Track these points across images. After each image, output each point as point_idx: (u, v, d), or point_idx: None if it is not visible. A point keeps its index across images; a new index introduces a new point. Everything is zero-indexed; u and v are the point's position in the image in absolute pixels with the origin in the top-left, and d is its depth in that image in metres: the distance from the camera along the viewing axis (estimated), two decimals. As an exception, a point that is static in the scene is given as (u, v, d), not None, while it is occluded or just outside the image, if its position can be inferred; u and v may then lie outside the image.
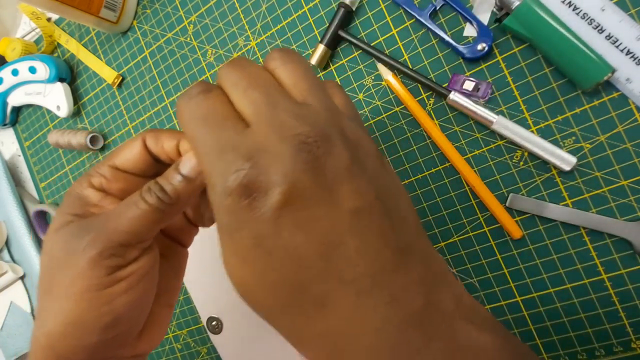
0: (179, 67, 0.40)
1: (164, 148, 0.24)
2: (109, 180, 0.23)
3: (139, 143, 0.24)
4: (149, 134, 0.24)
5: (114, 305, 0.22)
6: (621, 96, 0.27)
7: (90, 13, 0.38)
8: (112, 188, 0.24)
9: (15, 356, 0.49)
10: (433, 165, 0.32)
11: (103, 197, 0.23)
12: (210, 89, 0.18)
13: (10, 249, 0.49)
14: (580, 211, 0.28)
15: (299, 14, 0.35)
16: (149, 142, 0.24)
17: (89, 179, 0.23)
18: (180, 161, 0.22)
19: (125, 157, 0.24)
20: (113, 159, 0.24)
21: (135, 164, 0.24)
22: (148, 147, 0.24)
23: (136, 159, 0.24)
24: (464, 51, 0.29)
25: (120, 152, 0.24)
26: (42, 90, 0.45)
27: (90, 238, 0.21)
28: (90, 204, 0.23)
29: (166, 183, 0.21)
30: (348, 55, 0.34)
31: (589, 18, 0.26)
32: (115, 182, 0.24)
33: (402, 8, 0.31)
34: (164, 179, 0.22)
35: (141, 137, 0.24)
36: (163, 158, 0.24)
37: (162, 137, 0.24)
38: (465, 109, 0.29)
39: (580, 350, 0.29)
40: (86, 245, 0.21)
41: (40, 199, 0.51)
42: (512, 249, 0.30)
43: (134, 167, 0.24)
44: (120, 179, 0.24)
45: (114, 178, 0.24)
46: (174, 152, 0.23)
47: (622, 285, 0.27)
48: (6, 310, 0.49)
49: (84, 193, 0.23)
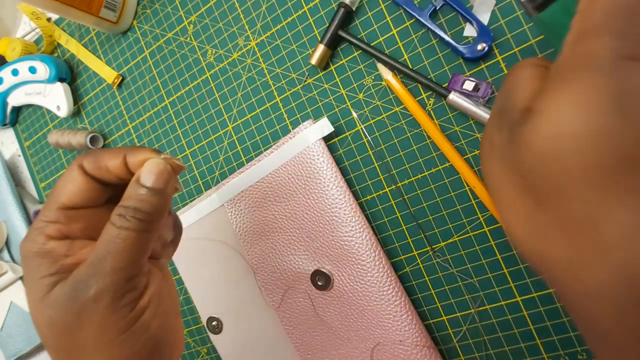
0: (179, 67, 0.40)
1: (108, 169, 0.22)
2: (65, 223, 0.22)
3: (78, 172, 0.22)
4: (85, 159, 0.22)
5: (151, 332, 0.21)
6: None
7: (90, 13, 0.39)
8: (72, 231, 0.22)
9: (15, 356, 0.49)
10: (433, 165, 0.32)
11: (69, 243, 0.21)
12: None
13: (10, 249, 0.49)
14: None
15: (299, 14, 0.35)
16: (88, 167, 0.22)
17: (43, 232, 0.21)
18: (140, 175, 0.21)
19: (70, 192, 0.22)
20: (58, 199, 0.22)
21: (84, 196, 0.22)
22: (90, 173, 0.22)
23: (82, 190, 0.22)
24: (464, 51, 0.29)
25: (62, 190, 0.22)
26: (42, 90, 0.45)
27: (96, 289, 0.19)
28: (60, 257, 0.21)
29: (135, 202, 0.20)
30: (348, 55, 0.34)
31: None
32: (72, 223, 0.22)
33: (402, 8, 0.31)
34: (130, 199, 0.21)
35: (77, 166, 0.22)
36: (110, 179, 0.22)
37: (103, 158, 0.22)
38: (465, 109, 0.29)
39: (580, 350, 0.29)
40: (94, 297, 0.19)
41: (40, 199, 0.51)
42: (512, 249, 0.30)
43: (84, 200, 0.22)
44: (75, 218, 0.22)
45: (69, 219, 0.22)
46: (121, 169, 0.22)
47: (622, 285, 0.27)
48: (6, 310, 0.49)
49: (47, 248, 0.21)
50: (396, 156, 0.33)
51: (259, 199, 0.37)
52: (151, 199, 0.21)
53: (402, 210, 0.33)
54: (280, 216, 0.36)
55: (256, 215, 0.37)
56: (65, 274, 0.20)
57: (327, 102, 0.35)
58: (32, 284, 0.20)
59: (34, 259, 0.21)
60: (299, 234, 0.36)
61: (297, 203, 0.36)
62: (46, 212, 0.22)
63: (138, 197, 0.21)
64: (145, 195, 0.21)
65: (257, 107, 0.37)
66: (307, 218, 0.36)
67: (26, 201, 0.49)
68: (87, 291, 0.19)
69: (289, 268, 0.36)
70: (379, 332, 0.33)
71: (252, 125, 0.38)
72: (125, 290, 0.20)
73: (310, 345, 0.36)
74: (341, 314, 0.35)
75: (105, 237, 0.20)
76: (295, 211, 0.36)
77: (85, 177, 0.22)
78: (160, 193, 0.21)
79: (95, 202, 0.23)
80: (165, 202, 0.21)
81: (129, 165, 0.22)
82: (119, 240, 0.20)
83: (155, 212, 0.21)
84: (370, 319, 0.33)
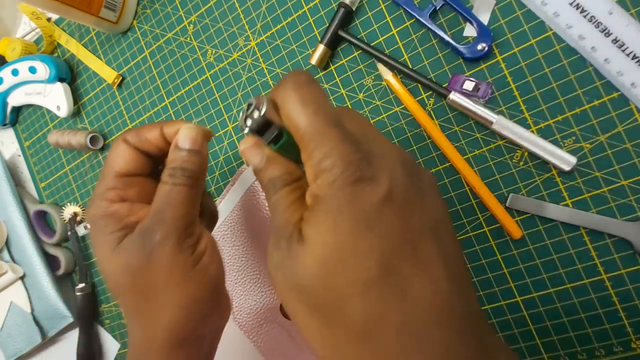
0: (179, 67, 0.40)
1: (149, 140, 0.25)
2: (123, 189, 0.25)
3: (125, 145, 0.25)
4: (128, 134, 0.26)
5: (210, 274, 0.24)
6: (621, 96, 0.27)
7: (90, 13, 0.39)
8: (129, 195, 0.25)
9: (15, 356, 0.49)
10: (433, 165, 0.32)
11: (129, 205, 0.25)
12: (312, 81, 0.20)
13: (10, 249, 0.49)
14: (580, 211, 0.28)
15: (299, 14, 0.35)
16: (131, 140, 0.25)
17: (105, 198, 0.24)
18: (178, 140, 0.25)
19: (122, 161, 0.25)
20: (113, 169, 0.25)
21: (134, 164, 0.25)
22: (134, 145, 0.25)
23: (131, 159, 0.25)
24: (464, 51, 0.29)
25: (115, 161, 0.25)
26: (42, 90, 0.45)
27: (161, 234, 0.23)
28: (124, 217, 0.24)
29: (179, 162, 0.24)
30: (348, 55, 0.34)
31: (597, 21, 0.26)
32: (128, 188, 0.25)
33: (402, 8, 0.31)
34: (175, 161, 0.24)
35: (121, 140, 0.25)
36: (150, 150, 0.26)
37: (143, 132, 0.25)
38: (465, 109, 0.29)
39: (580, 350, 0.29)
40: (160, 241, 0.22)
41: (40, 199, 0.51)
42: (512, 249, 0.30)
43: (134, 168, 0.25)
44: (130, 184, 0.25)
45: (125, 185, 0.25)
46: (159, 140, 0.25)
47: (622, 285, 0.27)
48: (6, 310, 0.49)
49: (111, 210, 0.24)
50: (396, 156, 0.33)
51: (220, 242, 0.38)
52: (192, 159, 0.24)
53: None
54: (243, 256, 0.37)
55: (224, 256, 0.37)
56: (130, 229, 0.24)
57: (327, 102, 0.35)
58: (102, 240, 0.24)
59: (101, 220, 0.24)
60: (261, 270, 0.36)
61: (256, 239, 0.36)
62: (104, 181, 0.25)
63: (181, 158, 0.24)
64: (186, 156, 0.24)
65: (257, 107, 0.37)
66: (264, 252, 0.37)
67: (26, 201, 0.49)
68: (154, 237, 0.23)
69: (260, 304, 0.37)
70: None
71: (252, 125, 0.38)
72: (185, 235, 0.23)
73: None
74: None
75: (161, 193, 0.24)
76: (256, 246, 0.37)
77: (131, 148, 0.25)
78: (198, 153, 0.25)
79: (143, 171, 0.26)
80: (204, 161, 0.25)
81: (165, 135, 0.25)
82: (174, 194, 0.23)
83: (197, 170, 0.24)
84: None
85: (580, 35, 0.27)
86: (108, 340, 0.48)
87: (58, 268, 0.48)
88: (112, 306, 0.47)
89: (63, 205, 0.48)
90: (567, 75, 0.28)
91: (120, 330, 0.47)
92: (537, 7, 0.28)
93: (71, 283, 0.50)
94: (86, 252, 0.48)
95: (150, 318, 0.24)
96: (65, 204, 0.48)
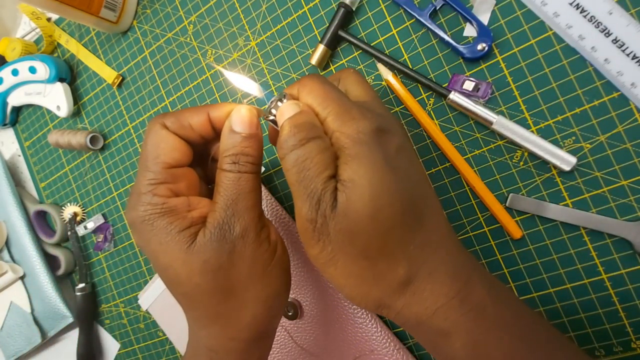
0: (179, 67, 0.40)
1: (192, 127, 0.23)
2: (173, 182, 0.22)
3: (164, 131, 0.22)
4: (167, 119, 0.23)
5: (285, 265, 0.24)
6: (621, 96, 0.27)
7: (90, 13, 0.39)
8: (180, 189, 0.23)
9: (15, 356, 0.49)
10: (433, 165, 0.32)
11: (186, 200, 0.22)
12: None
13: (10, 249, 0.49)
14: (580, 211, 0.28)
15: (299, 14, 0.35)
16: (172, 126, 0.23)
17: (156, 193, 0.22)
18: (232, 124, 0.22)
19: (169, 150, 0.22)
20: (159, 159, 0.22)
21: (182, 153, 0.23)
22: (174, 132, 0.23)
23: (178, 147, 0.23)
24: (464, 51, 0.29)
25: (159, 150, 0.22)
26: (42, 90, 0.45)
27: (241, 227, 0.21)
28: (185, 212, 0.22)
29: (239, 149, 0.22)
30: (348, 55, 0.34)
31: (596, 21, 0.26)
32: (178, 181, 0.23)
33: (402, 8, 0.31)
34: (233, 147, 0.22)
35: (160, 125, 0.22)
36: (193, 138, 0.23)
37: (185, 117, 0.23)
38: (465, 109, 0.29)
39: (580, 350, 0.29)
40: (241, 233, 0.21)
41: (40, 199, 0.51)
42: (512, 249, 0.30)
43: (183, 157, 0.23)
44: (179, 176, 0.23)
45: (175, 178, 0.23)
46: (205, 126, 0.23)
47: (622, 285, 0.27)
48: (6, 310, 0.49)
49: (170, 206, 0.21)
50: (396, 156, 0.33)
51: None
52: (251, 144, 0.22)
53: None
54: None
55: None
56: (198, 225, 0.21)
57: (327, 102, 0.35)
58: (171, 241, 0.21)
59: (160, 219, 0.21)
60: None
61: None
62: (148, 174, 0.22)
63: (240, 144, 0.22)
64: (244, 141, 0.22)
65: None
66: None
67: (26, 201, 0.49)
68: (233, 230, 0.21)
69: None
70: (354, 347, 0.33)
71: (252, 125, 0.38)
72: (261, 226, 0.22)
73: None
74: (317, 338, 0.35)
75: (225, 182, 0.21)
76: None
77: (173, 135, 0.22)
78: (256, 137, 0.22)
79: (189, 160, 0.23)
80: (261, 144, 0.23)
81: (212, 121, 0.23)
82: (243, 182, 0.21)
83: (258, 154, 0.22)
84: (343, 337, 0.34)
85: (580, 35, 0.27)
86: (108, 340, 0.48)
87: (58, 268, 0.48)
88: (112, 306, 0.47)
89: (63, 205, 0.48)
90: (567, 75, 0.28)
91: (120, 330, 0.47)
92: (537, 7, 0.28)
93: (71, 283, 0.50)
94: (86, 252, 0.48)
95: (231, 318, 0.22)
96: (65, 204, 0.48)
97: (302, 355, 0.36)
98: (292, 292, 0.36)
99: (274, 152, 0.37)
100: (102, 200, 0.46)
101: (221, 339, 0.23)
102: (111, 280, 0.47)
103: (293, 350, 0.36)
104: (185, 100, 0.40)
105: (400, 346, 0.32)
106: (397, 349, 0.32)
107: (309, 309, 0.35)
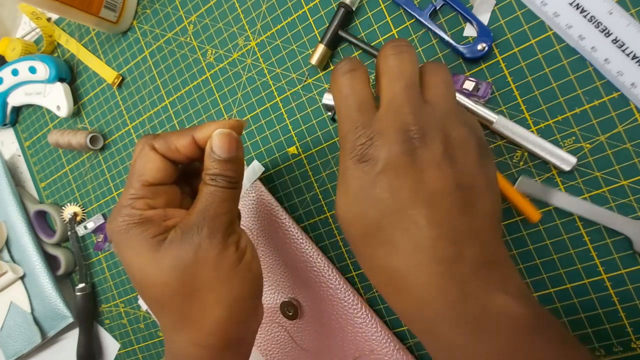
0: (179, 67, 0.40)
1: (178, 149, 0.25)
2: (151, 198, 0.24)
3: (154, 154, 0.24)
4: (156, 141, 0.25)
5: (253, 271, 0.25)
6: (621, 96, 0.27)
7: (90, 13, 0.39)
8: (158, 204, 0.24)
9: (15, 356, 0.49)
10: (433, 165, 0.32)
11: (161, 212, 0.24)
12: (356, 68, 0.22)
13: (10, 249, 0.49)
14: (585, 201, 0.28)
15: (299, 14, 0.35)
16: (160, 148, 0.25)
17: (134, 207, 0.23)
18: (212, 148, 0.24)
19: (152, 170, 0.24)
20: (142, 178, 0.24)
21: (163, 173, 0.25)
22: (162, 153, 0.25)
23: (161, 168, 0.24)
24: (464, 51, 0.29)
25: (144, 169, 0.24)
26: (42, 90, 0.45)
27: (208, 228, 0.23)
28: (161, 221, 0.24)
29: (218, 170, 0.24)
30: (348, 55, 0.34)
31: (596, 21, 0.26)
32: (156, 197, 0.24)
33: (402, 8, 0.31)
34: (214, 168, 0.24)
35: (148, 147, 0.24)
36: (179, 159, 0.25)
37: (172, 140, 0.25)
38: (466, 109, 0.29)
39: (580, 350, 0.29)
40: (208, 234, 0.22)
41: (40, 199, 0.51)
42: (512, 249, 0.30)
43: (163, 177, 0.25)
44: (158, 193, 0.25)
45: (154, 194, 0.24)
46: (190, 148, 0.25)
47: (622, 285, 0.27)
48: (6, 310, 0.49)
49: (147, 215, 0.23)
50: (396, 156, 0.33)
51: None
52: (230, 166, 0.24)
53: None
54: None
55: None
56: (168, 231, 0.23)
57: (327, 102, 0.35)
58: (142, 246, 0.22)
59: (137, 227, 0.23)
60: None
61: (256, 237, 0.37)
62: (131, 191, 0.24)
63: (220, 167, 0.24)
64: (223, 164, 0.24)
65: (257, 107, 0.37)
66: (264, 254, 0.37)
67: (26, 201, 0.49)
68: (201, 231, 0.22)
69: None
70: (354, 347, 0.33)
71: (252, 126, 0.38)
72: (229, 231, 0.23)
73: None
74: (317, 338, 0.35)
75: (204, 192, 0.24)
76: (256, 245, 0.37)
77: (160, 157, 0.25)
78: (235, 159, 0.24)
79: (171, 179, 0.26)
80: (241, 162, 0.25)
81: (197, 142, 0.25)
82: (219, 192, 0.23)
83: (237, 174, 0.25)
84: (343, 336, 0.34)
85: (580, 35, 0.27)
86: (108, 340, 0.48)
87: (58, 268, 0.48)
88: (112, 306, 0.47)
89: (63, 205, 0.48)
90: (567, 75, 0.28)
91: (120, 330, 0.47)
92: (537, 7, 0.28)
93: (71, 283, 0.50)
94: (86, 252, 0.48)
95: (197, 321, 0.23)
96: (65, 204, 0.48)
97: (302, 355, 0.36)
98: (292, 292, 0.36)
99: (274, 152, 0.37)
100: (102, 200, 0.46)
101: (188, 345, 0.23)
102: (111, 280, 0.47)
103: (293, 350, 0.36)
104: (185, 100, 0.40)
105: (400, 346, 0.32)
106: (397, 349, 0.32)
107: (309, 309, 0.35)
